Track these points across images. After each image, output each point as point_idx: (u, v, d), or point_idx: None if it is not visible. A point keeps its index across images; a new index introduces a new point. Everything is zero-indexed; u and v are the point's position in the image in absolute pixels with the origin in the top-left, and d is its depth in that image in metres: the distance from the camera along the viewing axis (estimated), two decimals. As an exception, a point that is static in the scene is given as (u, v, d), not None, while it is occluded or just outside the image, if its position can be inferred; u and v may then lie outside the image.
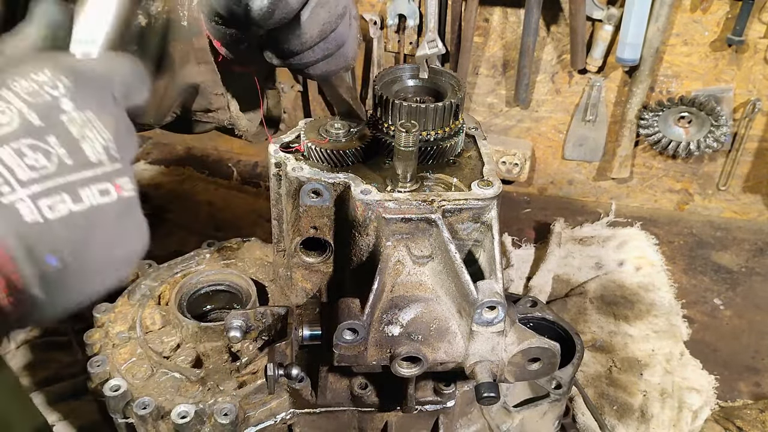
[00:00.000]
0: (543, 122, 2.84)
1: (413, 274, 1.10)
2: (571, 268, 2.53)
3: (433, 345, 1.05)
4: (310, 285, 1.22)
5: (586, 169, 2.91)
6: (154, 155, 3.34)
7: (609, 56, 2.57)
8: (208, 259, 1.58)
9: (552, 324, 1.52)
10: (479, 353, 1.03)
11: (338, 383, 1.26)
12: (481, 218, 1.09)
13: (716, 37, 2.44)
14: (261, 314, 1.11)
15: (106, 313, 1.45)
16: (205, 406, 1.22)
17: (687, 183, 2.82)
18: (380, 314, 1.06)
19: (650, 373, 2.08)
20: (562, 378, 1.43)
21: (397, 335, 1.05)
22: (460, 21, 2.60)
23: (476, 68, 2.77)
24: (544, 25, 2.59)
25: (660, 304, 2.35)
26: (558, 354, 1.05)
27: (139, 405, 1.21)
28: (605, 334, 2.23)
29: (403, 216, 1.05)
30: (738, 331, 2.29)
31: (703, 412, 1.99)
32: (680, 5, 2.42)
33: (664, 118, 2.60)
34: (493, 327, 1.01)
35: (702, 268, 2.57)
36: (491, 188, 1.09)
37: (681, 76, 2.56)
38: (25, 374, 2.08)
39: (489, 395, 0.99)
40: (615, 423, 1.94)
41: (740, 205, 2.80)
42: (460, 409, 1.31)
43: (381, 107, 1.16)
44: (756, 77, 2.48)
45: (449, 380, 1.24)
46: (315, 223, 1.12)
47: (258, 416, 1.25)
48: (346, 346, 1.02)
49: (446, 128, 1.16)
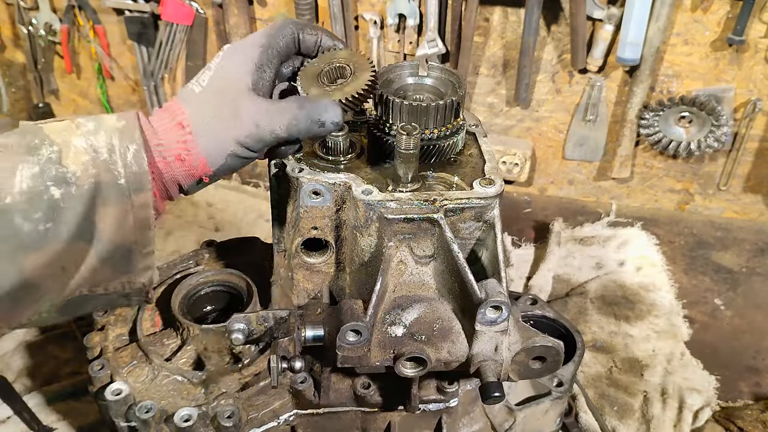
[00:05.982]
0: (543, 122, 2.84)
1: (416, 274, 1.09)
2: (572, 268, 2.52)
3: (437, 345, 1.05)
4: (311, 286, 1.22)
5: (587, 169, 2.91)
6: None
7: (609, 56, 2.57)
8: (208, 259, 1.58)
9: (552, 322, 1.52)
10: (483, 353, 1.03)
11: (341, 383, 1.25)
12: (483, 217, 1.08)
13: (717, 37, 2.44)
14: (263, 317, 1.11)
15: (105, 316, 1.44)
16: (207, 409, 1.22)
17: (687, 183, 2.82)
18: (383, 315, 1.06)
19: (651, 374, 2.08)
20: (563, 376, 1.43)
21: (400, 336, 1.05)
22: (460, 20, 2.60)
23: (476, 68, 2.77)
24: (544, 24, 2.59)
25: (661, 305, 2.34)
26: (561, 352, 1.05)
27: (142, 409, 1.20)
28: (606, 334, 2.23)
29: (405, 216, 1.05)
30: (738, 332, 2.29)
31: (703, 412, 1.99)
32: (681, 5, 2.42)
33: (665, 117, 2.60)
34: (496, 326, 1.00)
35: (703, 269, 2.57)
36: (493, 187, 1.09)
37: (682, 75, 2.56)
38: (24, 374, 2.08)
39: (495, 395, 0.98)
40: (616, 423, 1.93)
41: (741, 205, 2.80)
42: (463, 408, 1.31)
43: (381, 106, 1.16)
44: (757, 77, 2.48)
45: (452, 379, 1.23)
46: (316, 224, 1.12)
47: (261, 418, 1.25)
48: (350, 347, 1.02)
49: (447, 126, 1.16)
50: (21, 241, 0.82)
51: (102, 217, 0.87)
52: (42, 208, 0.83)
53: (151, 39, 3.07)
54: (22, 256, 0.82)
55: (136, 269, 0.94)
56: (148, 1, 2.97)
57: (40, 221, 0.82)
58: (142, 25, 3.03)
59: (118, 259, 0.91)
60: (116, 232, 0.89)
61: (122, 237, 0.90)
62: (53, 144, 0.86)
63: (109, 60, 3.25)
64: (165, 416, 1.22)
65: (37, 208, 0.82)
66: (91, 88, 3.43)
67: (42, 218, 0.83)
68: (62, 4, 3.15)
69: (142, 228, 0.91)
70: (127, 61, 3.27)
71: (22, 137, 0.86)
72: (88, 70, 3.37)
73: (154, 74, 3.17)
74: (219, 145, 0.95)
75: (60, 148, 0.86)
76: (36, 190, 0.83)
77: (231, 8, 2.84)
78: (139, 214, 0.90)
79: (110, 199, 0.87)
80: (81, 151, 0.87)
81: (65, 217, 0.84)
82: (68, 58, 3.27)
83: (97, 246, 0.88)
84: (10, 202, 0.81)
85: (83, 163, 0.86)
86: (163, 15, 2.95)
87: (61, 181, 0.84)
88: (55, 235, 0.83)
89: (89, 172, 0.86)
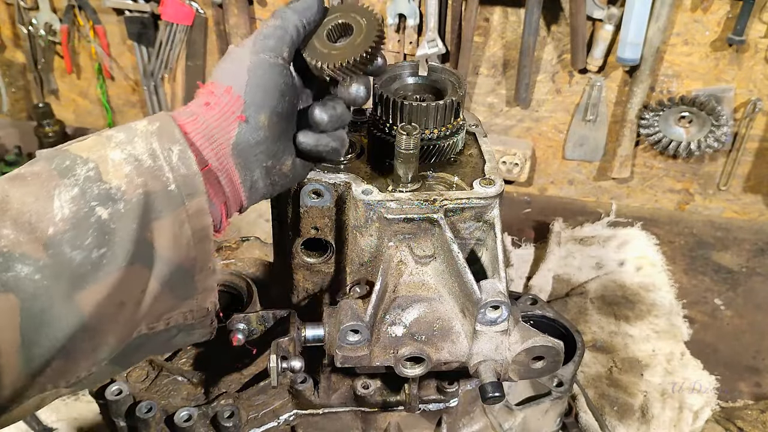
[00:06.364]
0: (543, 122, 2.84)
1: (416, 274, 1.09)
2: (572, 268, 2.52)
3: (437, 345, 1.05)
4: (311, 286, 1.22)
5: (587, 169, 2.91)
6: (154, 155, 3.33)
7: (609, 56, 2.57)
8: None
9: (552, 322, 1.52)
10: (483, 352, 1.03)
11: (341, 383, 1.25)
12: (483, 217, 1.08)
13: (717, 37, 2.44)
14: (263, 317, 1.11)
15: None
16: (207, 409, 1.22)
17: (687, 183, 2.82)
18: (383, 315, 1.06)
19: (651, 374, 2.08)
20: (563, 376, 1.43)
21: (400, 336, 1.05)
22: (460, 20, 2.60)
23: (476, 68, 2.77)
24: (544, 24, 2.59)
25: (661, 305, 2.35)
26: (561, 352, 1.05)
27: (142, 409, 1.20)
28: (606, 334, 2.23)
29: (405, 216, 1.05)
30: (738, 332, 2.29)
31: (703, 412, 1.99)
32: (681, 5, 2.42)
33: (665, 117, 2.60)
34: (496, 326, 1.00)
35: (702, 269, 2.57)
36: (493, 187, 1.09)
37: (681, 75, 2.56)
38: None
39: (494, 395, 0.98)
40: (616, 423, 1.93)
41: (741, 205, 2.80)
42: (462, 408, 1.31)
43: (381, 106, 1.15)
44: (756, 77, 2.48)
45: (452, 379, 1.23)
46: (316, 224, 1.12)
47: (261, 418, 1.25)
48: (350, 347, 1.02)
49: (447, 126, 1.16)
50: (75, 275, 0.72)
51: (158, 232, 0.77)
52: (91, 233, 0.73)
53: (151, 39, 3.07)
54: (78, 293, 0.72)
55: (198, 291, 0.84)
56: (148, 1, 2.97)
57: (92, 248, 0.73)
58: (142, 25, 3.03)
59: (177, 281, 0.81)
60: (174, 249, 0.79)
61: (181, 254, 0.80)
62: (87, 161, 0.76)
63: (109, 60, 3.25)
64: (165, 416, 1.22)
65: (86, 233, 0.73)
66: (91, 88, 3.43)
67: (93, 244, 0.73)
68: (62, 4, 3.15)
69: (201, 240, 0.81)
70: (127, 61, 3.27)
71: (49, 162, 0.77)
72: (88, 70, 3.37)
73: (154, 74, 3.17)
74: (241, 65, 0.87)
75: (96, 164, 0.76)
76: (80, 213, 0.73)
77: (231, 8, 2.84)
78: (195, 223, 0.80)
79: (164, 210, 0.77)
80: (121, 163, 0.77)
81: (118, 238, 0.74)
82: (68, 58, 3.27)
83: (157, 267, 0.78)
84: (53, 232, 0.72)
85: (126, 175, 0.76)
86: (163, 15, 2.95)
87: (106, 198, 0.74)
88: (111, 261, 0.73)
89: (135, 183, 0.76)
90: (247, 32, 2.87)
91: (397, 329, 1.05)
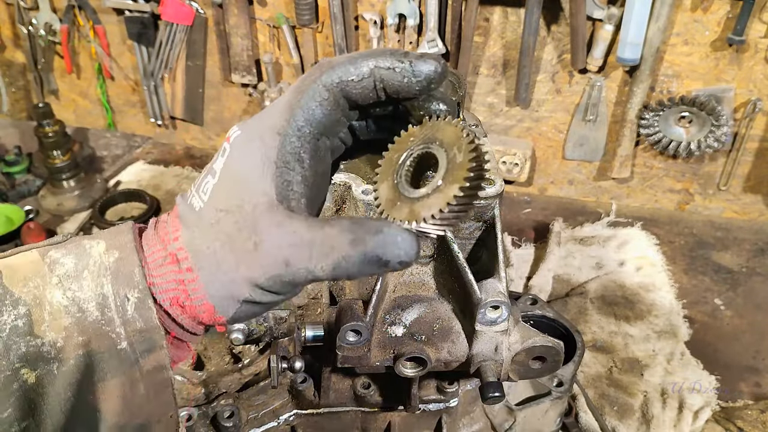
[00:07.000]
0: (543, 122, 2.84)
1: (415, 274, 1.09)
2: (572, 268, 2.52)
3: (437, 345, 1.05)
4: (311, 286, 1.22)
5: (587, 169, 2.91)
6: (154, 155, 3.34)
7: (609, 56, 2.57)
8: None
9: (552, 322, 1.52)
10: (483, 352, 1.03)
11: (341, 383, 1.25)
12: (483, 217, 1.08)
13: (717, 37, 2.44)
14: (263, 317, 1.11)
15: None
16: (207, 409, 1.22)
17: (687, 183, 2.82)
18: (383, 315, 1.06)
19: (651, 374, 2.08)
20: (563, 376, 1.43)
21: (400, 336, 1.05)
22: (460, 20, 2.60)
23: (476, 68, 2.77)
24: (544, 24, 2.59)
25: (660, 305, 2.35)
26: (561, 352, 1.05)
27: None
28: (606, 334, 2.23)
29: (405, 216, 1.05)
30: (739, 332, 2.29)
31: (703, 412, 1.99)
32: (681, 5, 2.42)
33: (665, 117, 2.60)
34: (496, 326, 1.01)
35: (702, 269, 2.57)
36: (493, 186, 1.09)
37: (681, 75, 2.56)
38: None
39: (494, 395, 0.98)
40: (616, 424, 1.93)
41: (741, 205, 2.80)
42: (462, 408, 1.31)
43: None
44: (757, 77, 2.48)
45: (452, 379, 1.23)
46: (317, 223, 1.12)
47: (261, 418, 1.25)
48: (350, 347, 1.02)
49: (448, 127, 1.15)
50: None
51: (104, 395, 0.63)
52: (12, 402, 0.59)
53: (151, 39, 3.07)
54: None
55: None
56: (148, 1, 2.97)
57: (12, 421, 0.60)
58: (142, 25, 3.03)
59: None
60: (125, 413, 0.64)
61: (133, 413, 0.65)
62: (18, 303, 0.61)
63: (109, 60, 3.25)
64: (165, 416, 1.22)
65: (5, 402, 0.59)
66: (91, 88, 3.43)
67: (15, 416, 0.60)
68: (62, 4, 3.15)
69: (159, 393, 0.66)
70: (127, 61, 3.27)
71: None
72: (88, 70, 3.38)
73: (154, 74, 3.17)
74: (229, 289, 0.62)
75: (29, 309, 0.61)
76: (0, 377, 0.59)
77: (231, 8, 2.84)
78: (152, 379, 0.65)
79: (110, 372, 0.63)
80: (59, 311, 0.61)
81: (48, 407, 0.60)
82: (68, 58, 3.27)
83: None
84: None
85: (65, 328, 0.61)
86: (163, 15, 2.95)
87: (35, 359, 0.60)
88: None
89: (75, 341, 0.61)
90: (246, 32, 2.87)
91: (397, 329, 1.05)
